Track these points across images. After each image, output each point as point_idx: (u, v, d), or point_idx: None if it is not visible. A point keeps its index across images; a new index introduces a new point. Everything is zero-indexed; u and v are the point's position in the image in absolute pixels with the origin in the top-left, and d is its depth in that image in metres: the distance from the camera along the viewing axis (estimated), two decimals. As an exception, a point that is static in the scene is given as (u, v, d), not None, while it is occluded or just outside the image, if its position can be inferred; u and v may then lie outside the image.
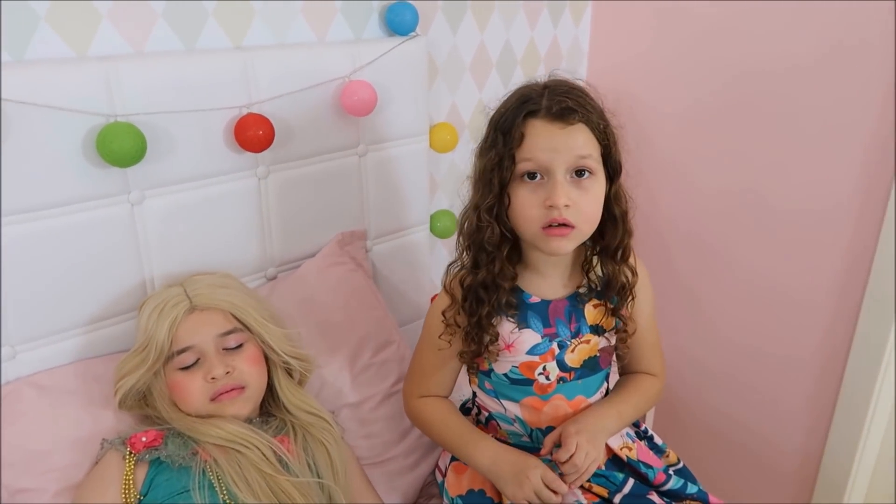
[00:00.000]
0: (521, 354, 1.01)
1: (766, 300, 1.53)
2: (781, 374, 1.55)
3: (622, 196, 0.97)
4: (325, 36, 1.25)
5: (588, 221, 0.93)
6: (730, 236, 1.56)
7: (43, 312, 1.01)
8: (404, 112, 1.34)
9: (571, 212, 0.90)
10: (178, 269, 1.11)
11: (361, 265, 1.32)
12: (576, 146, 0.90)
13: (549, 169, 0.90)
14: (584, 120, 0.90)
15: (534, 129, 0.90)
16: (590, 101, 0.93)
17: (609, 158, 0.94)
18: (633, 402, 1.08)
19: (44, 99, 0.93)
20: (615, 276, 0.99)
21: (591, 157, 0.91)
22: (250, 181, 1.17)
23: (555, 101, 0.90)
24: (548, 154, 0.89)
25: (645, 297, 1.07)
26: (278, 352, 1.02)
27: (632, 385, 1.11)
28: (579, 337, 1.02)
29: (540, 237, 0.92)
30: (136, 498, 0.90)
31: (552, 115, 0.89)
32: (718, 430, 1.72)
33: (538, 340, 1.00)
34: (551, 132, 0.89)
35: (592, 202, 0.92)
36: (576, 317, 1.02)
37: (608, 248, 0.98)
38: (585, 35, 1.75)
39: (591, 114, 0.91)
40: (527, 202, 0.91)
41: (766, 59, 1.41)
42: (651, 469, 1.07)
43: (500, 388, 1.04)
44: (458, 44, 1.48)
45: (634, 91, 1.67)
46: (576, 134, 0.90)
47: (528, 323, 1.00)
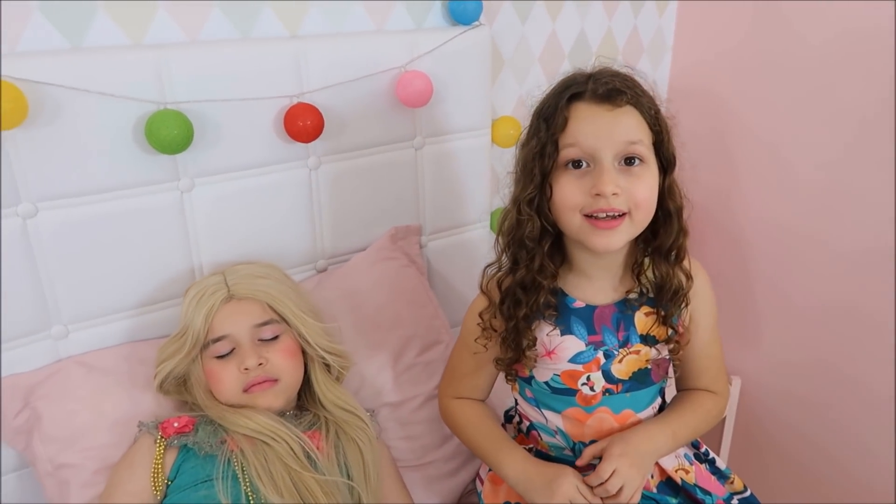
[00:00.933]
0: (563, 362, 0.94)
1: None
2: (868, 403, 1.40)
3: (676, 191, 0.88)
4: (383, 25, 1.23)
5: (642, 209, 0.84)
6: (821, 238, 1.42)
7: (94, 294, 1.03)
8: (465, 104, 1.29)
9: (621, 200, 0.82)
10: (227, 258, 1.11)
11: (414, 261, 1.29)
12: (625, 130, 0.82)
13: (595, 155, 0.83)
14: (633, 102, 0.83)
15: (578, 113, 0.83)
16: (639, 85, 0.85)
17: (661, 148, 0.86)
18: (691, 422, 0.98)
19: (98, 86, 0.95)
20: (668, 280, 0.90)
21: (641, 143, 0.83)
22: (301, 171, 1.16)
23: (601, 84, 0.82)
24: (594, 139, 0.82)
25: (704, 304, 0.97)
26: (314, 346, 1.00)
27: (690, 403, 1.01)
28: (628, 347, 0.94)
29: (586, 230, 0.84)
30: (165, 482, 0.91)
31: (598, 96, 0.82)
32: (796, 457, 1.57)
33: (582, 348, 0.93)
34: (598, 114, 0.82)
35: (645, 188, 0.84)
36: (624, 325, 0.94)
37: (661, 249, 0.90)
38: (670, 27, 1.64)
39: (642, 97, 0.83)
40: (569, 189, 0.84)
41: (866, 56, 1.26)
42: (709, 496, 0.98)
43: (540, 396, 0.98)
44: (526, 34, 1.41)
45: (723, 89, 1.54)
46: (624, 117, 0.82)
47: (571, 329, 0.93)
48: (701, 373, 1.01)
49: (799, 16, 1.37)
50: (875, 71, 1.26)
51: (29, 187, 0.95)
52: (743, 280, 1.57)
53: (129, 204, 1.02)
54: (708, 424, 1.01)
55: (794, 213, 1.46)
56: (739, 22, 1.47)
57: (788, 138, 1.43)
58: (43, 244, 0.97)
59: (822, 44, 1.34)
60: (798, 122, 1.41)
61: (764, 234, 1.53)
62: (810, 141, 1.40)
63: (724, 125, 1.55)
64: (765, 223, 1.52)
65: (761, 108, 1.47)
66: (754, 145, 1.50)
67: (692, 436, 0.99)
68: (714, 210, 1.59)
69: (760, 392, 1.60)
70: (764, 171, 1.50)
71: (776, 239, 1.50)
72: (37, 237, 0.97)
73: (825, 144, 1.38)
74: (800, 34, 1.37)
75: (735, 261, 1.58)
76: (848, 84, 1.31)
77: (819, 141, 1.38)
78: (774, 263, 1.52)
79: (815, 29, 1.34)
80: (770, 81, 1.44)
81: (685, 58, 1.64)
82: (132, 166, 1.01)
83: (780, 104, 1.43)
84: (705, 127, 1.59)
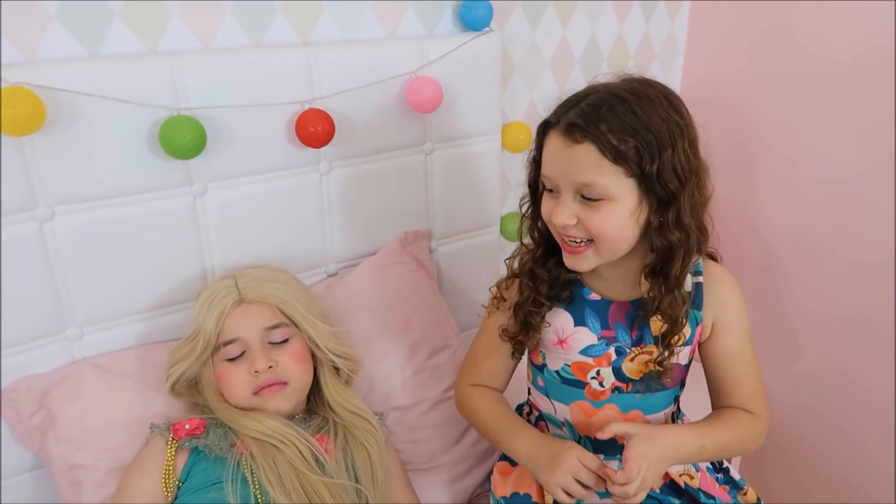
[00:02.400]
0: (575, 353, 0.95)
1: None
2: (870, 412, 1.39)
3: (683, 223, 0.84)
4: (395, 32, 1.24)
5: (603, 241, 0.85)
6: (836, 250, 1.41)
7: (108, 297, 1.05)
8: (475, 110, 1.30)
9: (579, 230, 0.85)
10: (238, 261, 1.12)
11: (424, 266, 1.30)
12: (578, 170, 0.82)
13: (557, 186, 0.86)
14: (593, 140, 0.80)
15: (549, 144, 0.87)
16: (628, 115, 0.80)
17: (646, 181, 0.82)
18: (723, 438, 0.93)
19: (113, 92, 0.97)
20: (659, 300, 0.88)
21: (596, 185, 0.81)
22: (312, 177, 1.17)
23: (571, 115, 0.82)
24: (554, 173, 0.86)
25: (730, 312, 0.94)
26: (324, 349, 1.01)
27: (725, 419, 0.95)
28: (640, 346, 0.93)
29: (562, 247, 0.90)
30: (176, 483, 0.92)
31: (561, 129, 0.83)
32: (797, 464, 1.56)
33: (594, 342, 0.94)
34: (559, 150, 0.84)
35: (603, 222, 0.83)
36: (639, 324, 0.93)
37: (654, 269, 0.88)
38: (682, 31, 1.63)
39: (608, 134, 0.79)
40: (545, 209, 0.89)
41: (878, 69, 1.25)
42: (713, 500, 0.98)
43: (551, 386, 0.99)
44: (537, 39, 1.42)
45: (736, 93, 1.53)
46: (581, 155, 0.81)
47: (584, 321, 0.94)
48: (734, 388, 0.96)
49: (811, 22, 1.36)
50: (888, 84, 1.25)
51: (46, 192, 0.97)
52: (753, 289, 1.56)
53: (143, 208, 1.04)
54: (742, 445, 0.96)
55: (806, 224, 1.45)
56: (753, 23, 1.47)
57: (803, 146, 1.42)
58: (59, 248, 0.99)
59: (835, 57, 1.33)
60: (812, 129, 1.40)
61: (776, 243, 1.52)
62: (823, 149, 1.39)
63: (737, 132, 1.54)
64: (777, 233, 1.51)
65: (775, 112, 1.46)
66: (769, 156, 1.49)
67: (722, 453, 0.96)
68: (723, 217, 1.58)
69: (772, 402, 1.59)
70: (776, 181, 1.49)
71: (788, 249, 1.49)
72: (53, 241, 0.99)
73: (837, 154, 1.37)
74: (812, 41, 1.36)
75: (745, 269, 1.57)
76: (860, 95, 1.30)
77: (830, 151, 1.37)
78: (785, 273, 1.51)
79: (828, 42, 1.34)
80: (784, 87, 1.43)
81: (698, 62, 1.63)
82: (146, 171, 1.02)
83: (795, 110, 1.42)
84: (718, 134, 1.58)
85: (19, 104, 0.88)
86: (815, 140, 1.40)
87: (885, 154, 1.29)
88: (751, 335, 0.97)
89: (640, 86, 0.84)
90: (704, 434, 0.92)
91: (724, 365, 0.96)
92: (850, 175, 1.35)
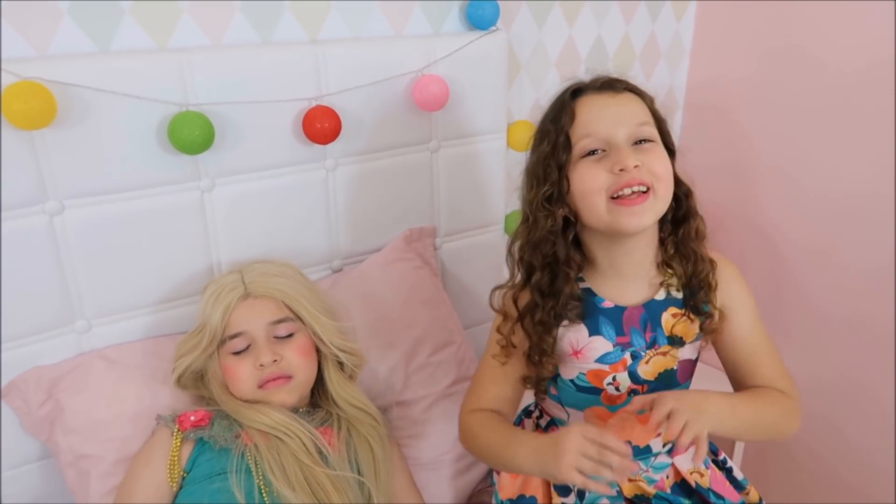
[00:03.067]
0: (590, 362, 0.94)
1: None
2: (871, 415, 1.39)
3: (680, 178, 0.93)
4: (402, 30, 1.24)
5: (663, 182, 0.87)
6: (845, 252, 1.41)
7: (117, 290, 1.06)
8: (481, 108, 1.31)
9: (644, 172, 0.85)
10: (245, 256, 1.14)
11: (428, 262, 1.31)
12: (632, 113, 0.88)
13: (609, 140, 0.87)
14: (631, 89, 0.90)
15: (585, 105, 0.89)
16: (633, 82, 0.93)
17: (664, 134, 0.92)
18: (754, 403, 0.91)
19: (123, 88, 0.98)
20: (695, 263, 0.93)
21: (649, 124, 0.89)
22: (318, 173, 1.18)
23: (598, 79, 0.90)
24: (606, 125, 0.87)
25: (736, 294, 0.96)
26: (328, 344, 1.02)
27: (755, 391, 0.95)
28: (655, 348, 0.94)
29: (614, 212, 0.85)
30: (181, 474, 0.93)
31: (599, 87, 0.89)
32: (797, 467, 1.56)
33: (609, 349, 0.94)
34: (605, 102, 0.88)
35: (662, 161, 0.88)
36: (651, 326, 0.94)
37: (680, 230, 0.93)
38: (688, 32, 1.64)
39: (636, 87, 0.92)
40: (591, 173, 0.86)
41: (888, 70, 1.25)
42: (723, 500, 0.98)
43: (565, 394, 0.98)
44: (543, 38, 1.42)
45: (741, 93, 1.54)
46: (629, 102, 0.89)
47: (599, 329, 0.94)
48: (755, 368, 0.96)
49: (818, 26, 1.36)
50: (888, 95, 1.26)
51: (56, 185, 0.98)
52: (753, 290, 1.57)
53: (152, 203, 1.05)
54: (777, 421, 0.93)
55: (809, 228, 1.45)
56: (758, 26, 1.47)
57: (807, 150, 1.42)
58: (68, 241, 1.01)
59: (841, 60, 1.33)
60: (817, 133, 1.40)
61: (778, 246, 1.52)
62: (828, 154, 1.39)
63: (740, 134, 1.55)
64: (779, 236, 1.51)
65: (779, 114, 1.46)
66: (770, 155, 1.50)
67: (756, 423, 0.91)
68: (725, 219, 1.58)
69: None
70: (779, 183, 1.49)
71: (791, 252, 1.49)
72: (62, 234, 1.00)
73: (839, 158, 1.37)
74: (818, 45, 1.36)
75: (746, 270, 1.57)
76: (867, 98, 1.30)
77: (833, 153, 1.38)
78: (787, 276, 1.51)
79: (835, 47, 1.34)
80: (790, 91, 1.43)
81: (703, 62, 1.64)
82: (155, 166, 1.04)
83: (799, 113, 1.42)
84: (721, 136, 1.59)
85: (31, 98, 0.89)
86: (818, 141, 1.40)
87: (887, 161, 1.29)
88: (759, 316, 0.98)
89: None
90: (733, 397, 0.92)
91: (741, 346, 0.96)
92: (853, 180, 1.35)
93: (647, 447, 0.98)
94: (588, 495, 0.98)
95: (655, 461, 0.99)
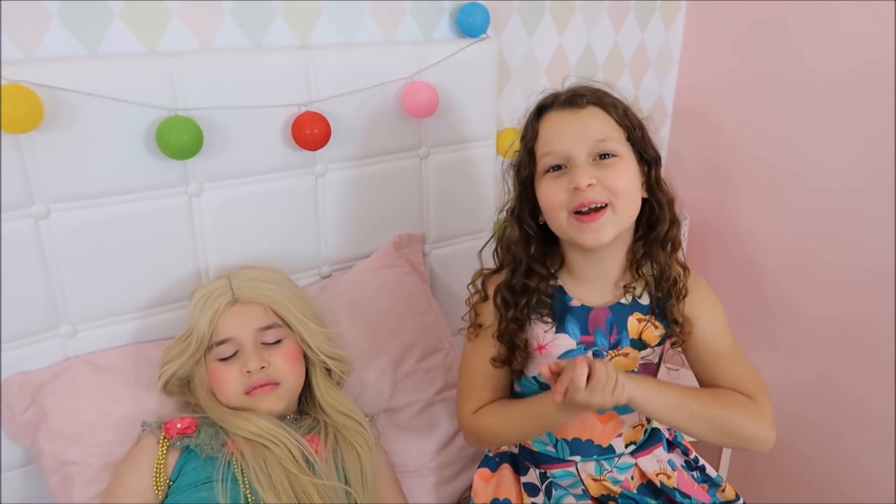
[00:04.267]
0: (553, 358, 0.96)
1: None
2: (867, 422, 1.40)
3: (664, 184, 0.93)
4: (392, 36, 1.25)
5: (621, 198, 0.88)
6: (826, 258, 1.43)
7: (103, 295, 1.06)
8: (471, 115, 1.31)
9: (598, 190, 0.87)
10: (233, 261, 1.13)
11: (417, 269, 1.31)
12: (592, 129, 0.88)
13: (569, 157, 0.88)
14: (595, 102, 0.89)
15: (547, 123, 0.91)
16: (606, 92, 0.92)
17: (638, 143, 0.91)
18: (696, 395, 0.92)
19: (112, 91, 0.97)
20: (666, 270, 0.94)
21: (610, 139, 0.89)
22: (307, 179, 1.18)
23: (565, 93, 0.91)
24: (565, 142, 0.89)
25: (706, 309, 0.98)
26: (316, 350, 1.02)
27: (706, 388, 0.98)
28: (618, 349, 0.97)
29: (574, 227, 0.89)
30: (167, 482, 0.92)
31: (562, 103, 0.90)
32: (790, 471, 1.57)
33: (573, 346, 0.96)
34: (565, 120, 0.90)
35: (620, 177, 0.88)
36: (617, 328, 0.97)
37: (657, 239, 0.94)
38: (677, 40, 1.65)
39: (605, 97, 0.90)
40: (550, 190, 0.90)
41: (870, 78, 1.27)
42: (689, 499, 1.00)
43: (527, 390, 1.01)
44: (533, 46, 1.43)
45: (729, 101, 1.55)
46: (590, 118, 0.89)
47: (565, 327, 0.96)
48: (721, 373, 0.97)
49: (806, 32, 1.38)
50: (878, 94, 1.28)
51: (43, 189, 0.97)
52: (741, 294, 1.58)
53: (139, 207, 1.05)
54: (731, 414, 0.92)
55: (794, 232, 1.47)
56: (746, 35, 1.48)
57: (792, 155, 1.44)
58: (54, 245, 1.00)
59: (828, 67, 1.35)
60: (802, 139, 1.42)
61: (764, 250, 1.53)
62: (812, 158, 1.41)
63: (727, 141, 1.56)
64: (765, 240, 1.53)
65: (767, 120, 1.48)
66: (757, 166, 1.51)
67: (697, 407, 0.91)
68: (714, 224, 1.60)
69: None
70: (766, 187, 1.51)
71: (776, 256, 1.51)
72: (49, 238, 0.99)
73: (826, 161, 1.39)
74: (806, 51, 1.38)
75: (734, 275, 1.59)
76: (851, 105, 1.33)
77: (821, 159, 1.39)
78: (773, 281, 1.53)
79: (822, 52, 1.35)
80: (776, 95, 1.45)
81: (692, 70, 1.65)
82: (143, 170, 1.03)
83: (788, 119, 1.44)
84: (709, 142, 1.61)
85: (18, 102, 0.89)
86: (806, 148, 1.42)
87: (876, 161, 1.30)
88: (728, 322, 0.99)
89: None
90: (668, 383, 0.93)
91: (707, 351, 0.98)
92: (840, 182, 1.37)
93: (610, 447, 1.01)
94: (555, 493, 1.00)
95: (619, 461, 1.02)
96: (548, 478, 1.02)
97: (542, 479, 1.02)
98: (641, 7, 1.55)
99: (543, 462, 1.03)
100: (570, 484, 1.01)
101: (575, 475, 1.01)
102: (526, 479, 1.04)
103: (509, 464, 1.07)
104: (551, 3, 1.41)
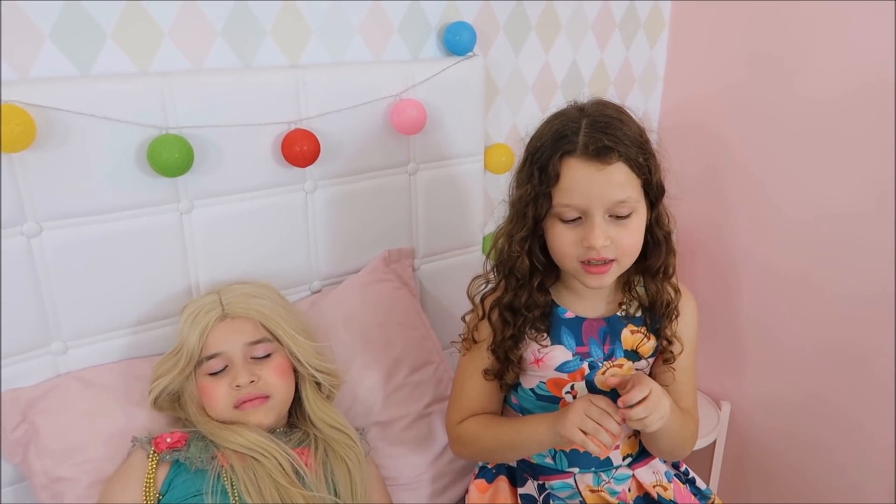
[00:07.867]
0: (550, 370, 0.98)
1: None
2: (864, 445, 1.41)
3: (664, 218, 0.94)
4: (381, 55, 1.27)
5: (628, 255, 0.91)
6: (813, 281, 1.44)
7: (94, 311, 1.06)
8: (459, 131, 1.33)
9: (610, 249, 0.89)
10: (224, 278, 1.14)
11: (407, 283, 1.32)
12: (614, 190, 0.86)
13: (587, 212, 0.88)
14: (622, 158, 0.86)
15: (570, 170, 0.87)
16: (627, 129, 0.88)
17: (650, 186, 0.90)
18: (681, 417, 1.00)
19: (104, 111, 0.99)
20: (659, 295, 0.96)
21: (630, 199, 0.87)
22: (297, 195, 1.19)
23: (592, 139, 0.85)
24: (585, 198, 0.87)
25: (688, 329, 1.02)
26: (305, 364, 1.03)
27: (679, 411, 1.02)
28: (612, 360, 0.98)
29: (579, 272, 0.92)
30: (156, 497, 0.93)
31: (588, 154, 0.85)
32: (784, 491, 1.58)
33: (568, 358, 0.97)
34: (589, 174, 0.86)
35: (632, 236, 0.90)
36: (611, 339, 0.98)
37: (651, 269, 0.96)
38: (661, 58, 1.68)
39: (630, 148, 0.86)
40: (564, 239, 0.90)
41: (858, 89, 1.29)
42: None
43: (525, 403, 1.02)
44: (520, 64, 1.46)
45: (715, 120, 1.57)
46: (614, 175, 0.86)
47: (560, 339, 0.98)
48: (679, 395, 1.03)
49: (790, 51, 1.40)
50: (871, 114, 1.28)
51: (35, 207, 0.98)
52: (729, 310, 1.60)
53: (130, 224, 1.06)
54: (688, 433, 1.02)
55: (781, 252, 1.47)
56: (730, 52, 1.51)
57: (778, 177, 1.46)
58: (46, 262, 1.01)
59: (812, 86, 1.36)
60: (789, 155, 1.43)
61: (750, 268, 1.55)
62: (799, 179, 1.42)
63: (714, 157, 1.58)
64: (751, 259, 1.54)
65: (752, 142, 1.50)
66: (744, 182, 1.53)
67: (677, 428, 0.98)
68: (703, 242, 1.62)
69: (749, 422, 1.61)
70: (753, 209, 1.52)
71: (762, 274, 1.52)
72: (40, 255, 1.00)
73: (811, 181, 1.40)
74: (790, 70, 1.40)
75: (722, 291, 1.60)
76: (844, 127, 1.33)
77: (805, 178, 1.41)
78: (761, 297, 1.54)
79: (806, 72, 1.37)
80: (762, 115, 1.46)
81: (676, 87, 1.68)
82: (134, 188, 1.04)
83: (772, 141, 1.46)
84: (695, 158, 1.63)
85: (11, 122, 0.90)
86: (789, 167, 1.43)
87: (867, 183, 1.31)
88: (695, 348, 1.05)
89: (610, 107, 0.91)
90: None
91: (681, 375, 1.02)
92: (830, 202, 1.37)
93: (608, 458, 1.02)
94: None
95: (616, 473, 1.03)
96: (546, 489, 1.03)
97: (540, 491, 1.03)
98: (626, 27, 1.58)
99: (542, 473, 1.04)
100: (568, 495, 1.02)
101: (573, 486, 1.02)
102: (523, 490, 1.04)
103: (506, 475, 1.07)
104: (537, 22, 1.44)
